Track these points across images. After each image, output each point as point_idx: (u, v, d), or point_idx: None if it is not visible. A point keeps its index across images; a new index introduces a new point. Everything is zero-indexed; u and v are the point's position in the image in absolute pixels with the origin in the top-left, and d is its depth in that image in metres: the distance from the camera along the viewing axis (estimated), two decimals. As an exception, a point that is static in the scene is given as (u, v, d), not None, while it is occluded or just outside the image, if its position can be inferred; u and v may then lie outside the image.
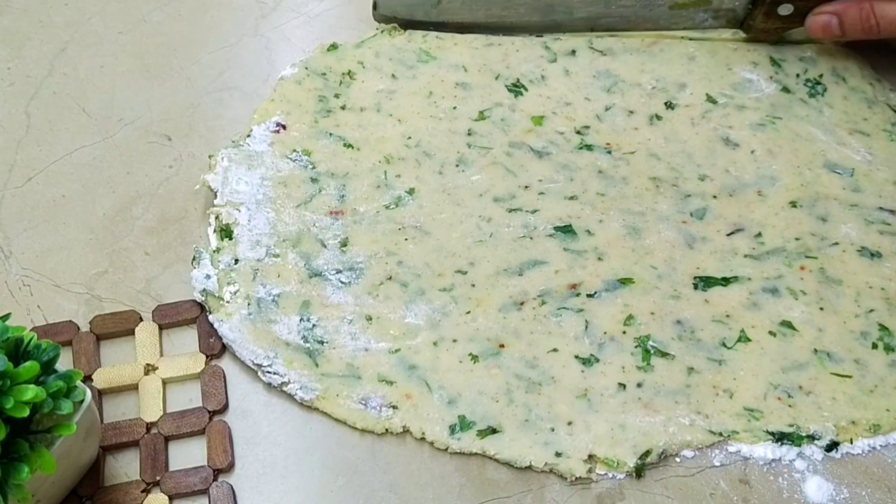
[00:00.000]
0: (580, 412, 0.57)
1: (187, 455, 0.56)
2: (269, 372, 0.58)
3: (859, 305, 0.62)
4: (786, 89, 0.74)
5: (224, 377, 0.59)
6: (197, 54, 0.76)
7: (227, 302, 0.60)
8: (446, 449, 0.56)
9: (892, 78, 0.76)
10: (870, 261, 0.64)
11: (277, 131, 0.69)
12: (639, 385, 0.58)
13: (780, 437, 0.56)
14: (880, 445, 0.57)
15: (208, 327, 0.60)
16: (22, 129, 0.71)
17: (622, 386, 0.57)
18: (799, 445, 0.56)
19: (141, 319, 0.61)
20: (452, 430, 0.56)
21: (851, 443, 0.56)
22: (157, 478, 0.55)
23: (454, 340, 0.60)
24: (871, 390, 0.58)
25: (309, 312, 0.60)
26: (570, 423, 0.56)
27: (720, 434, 0.56)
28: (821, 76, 0.75)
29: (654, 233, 0.65)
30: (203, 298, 0.61)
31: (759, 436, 0.56)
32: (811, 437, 0.56)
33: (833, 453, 0.56)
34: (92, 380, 0.58)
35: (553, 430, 0.56)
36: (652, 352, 0.59)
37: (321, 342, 0.59)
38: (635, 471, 0.55)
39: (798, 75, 0.75)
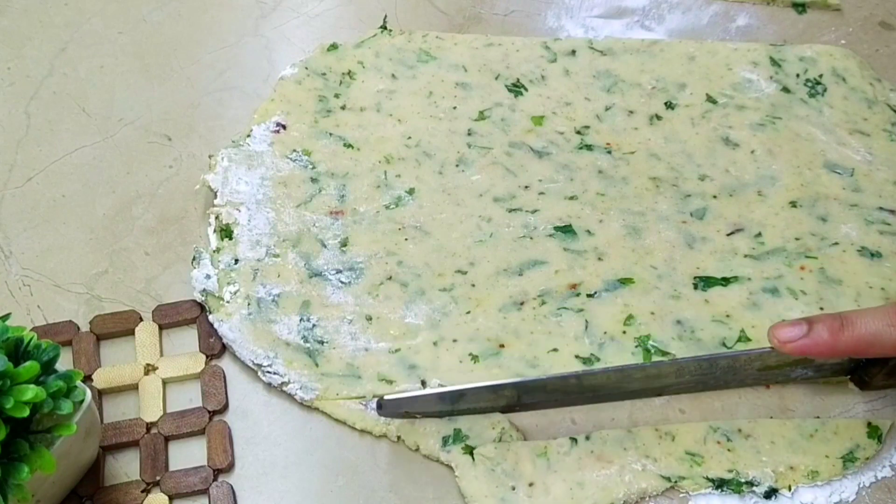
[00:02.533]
0: (541, 472, 0.55)
1: (187, 455, 0.56)
2: (269, 372, 0.58)
3: (859, 305, 0.62)
4: (786, 89, 0.74)
5: (224, 377, 0.59)
6: (197, 54, 0.76)
7: (227, 302, 0.60)
8: (437, 459, 0.56)
9: (892, 78, 0.76)
10: (870, 261, 0.64)
11: (277, 131, 0.69)
12: (587, 437, 0.56)
13: (720, 484, 0.55)
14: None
15: (208, 327, 0.60)
16: (22, 129, 0.71)
17: (574, 441, 0.56)
18: (739, 492, 0.55)
19: (141, 319, 0.61)
20: (445, 441, 0.56)
21: (790, 489, 0.55)
22: (157, 478, 0.55)
23: (454, 340, 0.60)
24: (812, 435, 0.57)
25: (309, 312, 0.60)
26: (531, 485, 0.55)
27: (668, 479, 0.55)
28: (821, 76, 0.75)
29: (654, 233, 0.65)
30: (203, 298, 0.61)
31: (699, 482, 0.55)
32: (750, 483, 0.55)
33: (772, 501, 0.54)
34: (92, 380, 0.58)
35: (514, 488, 0.54)
36: (652, 351, 0.59)
37: (321, 342, 0.59)
38: None
39: (798, 75, 0.75)
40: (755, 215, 0.66)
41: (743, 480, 0.55)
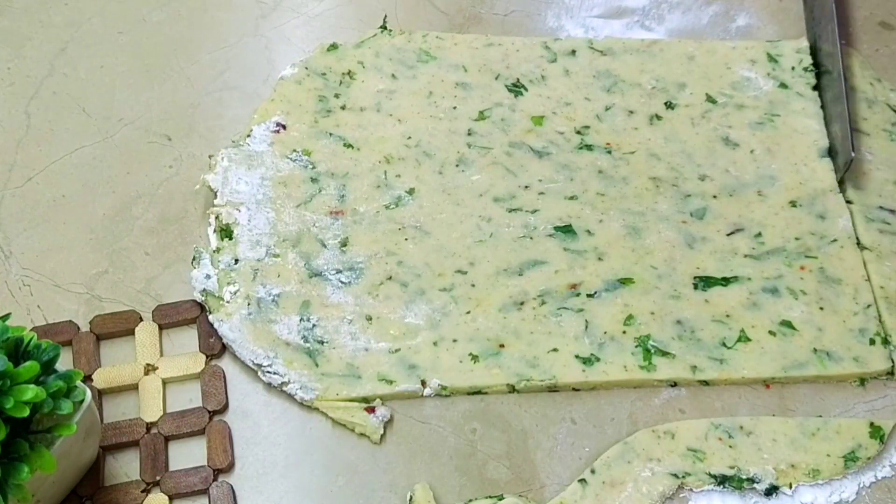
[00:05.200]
0: None
1: (187, 455, 0.56)
2: (269, 372, 0.58)
3: (857, 303, 0.62)
4: (783, 85, 0.74)
5: (224, 377, 0.59)
6: (197, 54, 0.76)
7: (227, 302, 0.60)
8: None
9: (892, 78, 0.76)
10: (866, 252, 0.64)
11: (277, 131, 0.69)
12: (593, 471, 0.56)
13: (722, 480, 0.55)
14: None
15: (208, 327, 0.60)
16: (22, 129, 0.71)
17: (583, 482, 0.55)
18: (740, 489, 0.55)
19: (141, 319, 0.61)
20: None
21: (790, 487, 0.55)
22: (157, 478, 0.55)
23: (454, 340, 0.60)
24: (813, 433, 0.57)
25: (309, 312, 0.60)
26: None
27: (676, 475, 0.55)
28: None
29: (654, 233, 0.65)
30: (203, 298, 0.61)
31: (703, 479, 0.55)
32: (751, 480, 0.55)
33: (772, 498, 0.55)
34: (92, 380, 0.58)
35: None
36: (652, 351, 0.59)
37: (321, 342, 0.59)
38: None
39: (793, 67, 0.75)
40: (755, 215, 0.66)
41: (744, 477, 0.55)
